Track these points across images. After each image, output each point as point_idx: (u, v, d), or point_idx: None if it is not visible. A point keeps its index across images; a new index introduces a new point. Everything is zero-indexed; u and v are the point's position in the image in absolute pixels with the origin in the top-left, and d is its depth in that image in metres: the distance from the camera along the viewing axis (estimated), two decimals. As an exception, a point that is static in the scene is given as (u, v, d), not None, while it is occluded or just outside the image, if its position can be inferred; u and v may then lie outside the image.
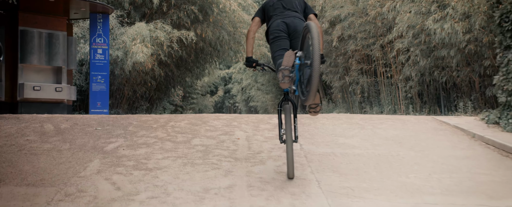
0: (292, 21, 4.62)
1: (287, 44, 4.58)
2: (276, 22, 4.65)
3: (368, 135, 6.89)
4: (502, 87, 7.02)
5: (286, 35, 4.60)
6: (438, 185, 4.69)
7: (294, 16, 4.68)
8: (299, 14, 4.76)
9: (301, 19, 4.70)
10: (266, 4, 4.92)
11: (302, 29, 4.32)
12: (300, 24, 4.60)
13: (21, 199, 4.20)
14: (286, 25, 4.61)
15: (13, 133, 6.66)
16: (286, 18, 4.65)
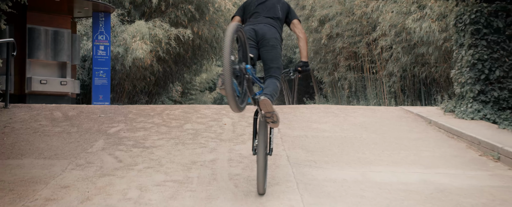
0: (261, 28, 4.34)
1: (253, 52, 4.30)
2: (245, 28, 4.37)
3: (339, 121, 7.82)
4: (457, 80, 7.95)
5: (254, 43, 4.33)
6: (387, 159, 5.61)
7: (265, 23, 4.41)
8: (274, 21, 4.46)
9: (274, 26, 4.42)
10: (246, 4, 4.69)
11: (271, 37, 4.29)
12: (270, 31, 4.34)
13: (40, 168, 5.12)
14: (254, 32, 4.34)
15: (27, 119, 7.58)
16: (256, 25, 4.38)
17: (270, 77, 4.32)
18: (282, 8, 4.59)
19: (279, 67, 4.36)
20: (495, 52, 7.48)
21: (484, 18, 7.47)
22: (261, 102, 3.85)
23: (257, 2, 4.61)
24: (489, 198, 4.34)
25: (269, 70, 4.34)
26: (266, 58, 4.34)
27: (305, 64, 4.47)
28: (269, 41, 4.32)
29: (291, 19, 4.60)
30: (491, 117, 7.32)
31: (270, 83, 4.23)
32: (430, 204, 4.18)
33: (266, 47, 4.32)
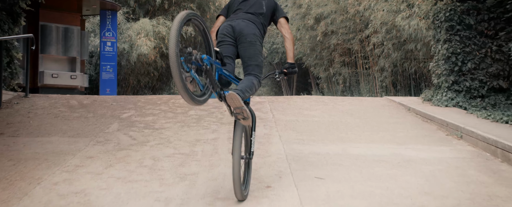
0: (238, 24, 4.09)
1: (231, 50, 4.10)
2: (223, 25, 4.17)
3: (328, 109, 8.67)
4: (435, 71, 8.79)
5: (232, 40, 4.10)
6: (366, 138, 6.46)
7: (244, 18, 4.16)
8: (255, 16, 4.23)
9: (253, 22, 4.17)
10: (230, 3, 4.49)
11: (249, 33, 4.07)
12: (247, 27, 4.09)
13: (66, 143, 5.96)
14: (231, 28, 4.10)
15: (46, 106, 8.43)
16: (234, 21, 4.14)
17: (248, 75, 4.08)
18: (268, 4, 4.33)
19: (258, 64, 4.11)
20: (467, 46, 8.32)
21: (457, 16, 8.31)
22: (228, 96, 3.59)
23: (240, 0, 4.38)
24: (445, 165, 5.19)
25: (247, 68, 4.10)
26: (244, 55, 4.08)
27: (292, 65, 4.25)
28: (247, 37, 4.06)
29: (278, 17, 4.34)
30: (463, 104, 8.16)
31: (245, 80, 3.97)
32: (396, 170, 5.03)
33: (243, 43, 4.07)
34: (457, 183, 4.64)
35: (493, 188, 4.53)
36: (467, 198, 4.25)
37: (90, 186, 4.42)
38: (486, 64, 8.28)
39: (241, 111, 3.66)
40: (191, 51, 3.38)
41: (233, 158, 3.75)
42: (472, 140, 6.07)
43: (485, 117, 7.06)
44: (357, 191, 4.36)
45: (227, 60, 4.04)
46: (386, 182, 4.63)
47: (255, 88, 4.02)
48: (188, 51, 3.36)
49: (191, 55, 3.37)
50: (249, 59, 4.09)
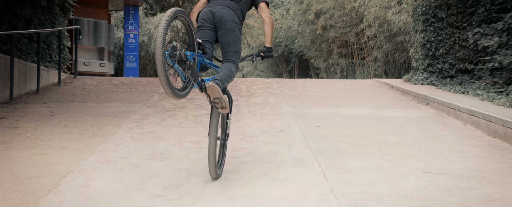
0: (219, 10, 4.14)
1: (210, 35, 4.17)
2: (203, 11, 4.22)
3: (325, 87, 10.53)
4: (414, 56, 10.64)
5: (211, 26, 4.16)
6: (354, 105, 8.32)
7: (223, 5, 4.18)
8: (235, 3, 4.25)
9: (232, 9, 4.20)
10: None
11: (228, 20, 4.13)
12: (227, 14, 4.14)
13: (125, 107, 7.82)
14: (212, 15, 4.14)
15: (95, 84, 10.29)
16: (214, 7, 4.16)
17: (226, 61, 4.21)
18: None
19: (236, 51, 4.22)
20: (439, 35, 10.14)
21: (432, 10, 10.12)
22: (208, 88, 3.71)
23: None
24: (410, 120, 7.05)
25: (226, 54, 4.21)
26: (223, 42, 4.18)
27: (269, 49, 4.33)
28: (226, 24, 4.13)
29: (258, 2, 4.37)
30: (435, 83, 9.99)
31: (223, 68, 4.10)
32: (374, 122, 6.88)
33: (223, 30, 4.15)
34: (416, 129, 6.50)
35: (440, 131, 6.40)
36: (420, 136, 6.10)
37: (155, 129, 6.28)
38: (455, 50, 10.12)
39: (220, 101, 3.81)
40: (175, 46, 3.51)
41: (209, 139, 3.96)
42: (435, 105, 7.93)
43: (448, 90, 8.92)
44: (344, 133, 6.23)
45: (207, 44, 4.12)
46: (365, 128, 6.49)
47: (233, 75, 4.19)
48: (172, 46, 3.50)
49: (175, 51, 3.48)
50: (228, 45, 4.17)
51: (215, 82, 3.79)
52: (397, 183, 4.25)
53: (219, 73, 4.02)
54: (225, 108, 3.90)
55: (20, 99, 8.27)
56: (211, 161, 4.00)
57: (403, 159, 5.07)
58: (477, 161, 5.04)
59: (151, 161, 4.87)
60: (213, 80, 3.84)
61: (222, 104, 3.84)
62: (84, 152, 5.15)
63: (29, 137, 5.76)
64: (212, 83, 3.73)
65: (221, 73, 4.02)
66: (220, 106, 3.87)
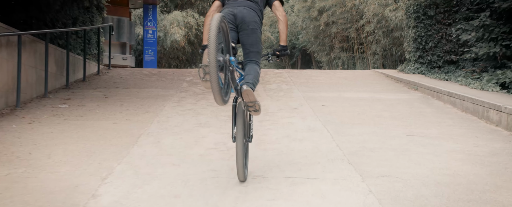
0: (241, 11, 4.15)
1: (233, 36, 4.13)
2: (224, 11, 4.20)
3: (329, 76, 12.05)
4: (407, 49, 12.15)
5: (233, 26, 4.15)
6: (354, 90, 9.82)
7: (245, 5, 4.19)
8: (254, 4, 4.26)
9: (253, 9, 4.21)
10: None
11: (251, 21, 4.13)
12: (249, 14, 4.15)
13: (162, 92, 9.32)
14: (233, 16, 4.13)
15: (128, 74, 11.80)
16: (235, 8, 4.17)
17: (250, 63, 4.21)
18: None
19: (259, 51, 4.24)
20: (429, 31, 11.63)
21: (422, 9, 11.60)
22: (244, 92, 3.75)
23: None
24: (401, 101, 8.56)
25: (249, 55, 4.23)
26: (246, 43, 4.20)
27: (284, 48, 4.32)
28: (249, 25, 4.15)
29: (272, 0, 4.39)
30: (425, 72, 11.48)
31: (251, 70, 4.11)
32: (370, 103, 8.39)
33: (245, 31, 4.17)
34: (404, 107, 8.02)
35: (424, 109, 7.91)
36: (407, 112, 7.61)
37: (193, 107, 7.80)
38: (442, 44, 11.61)
39: (254, 104, 3.81)
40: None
41: (237, 143, 3.87)
42: (422, 90, 9.43)
43: (435, 78, 10.43)
44: (346, 110, 7.74)
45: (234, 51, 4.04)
46: (363, 107, 8.01)
47: (260, 75, 4.21)
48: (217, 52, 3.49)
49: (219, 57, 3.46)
50: (251, 46, 4.17)
51: (249, 86, 3.85)
52: (386, 142, 5.77)
53: (248, 75, 4.05)
54: (258, 111, 3.90)
55: (73, 86, 9.79)
56: (240, 164, 3.96)
57: (392, 127, 6.58)
58: (448, 128, 6.56)
59: (198, 128, 6.39)
60: (246, 84, 3.88)
61: (255, 107, 3.84)
62: (145, 122, 6.67)
63: (98, 113, 7.28)
64: (246, 87, 3.77)
65: (250, 75, 4.04)
66: (253, 109, 3.87)
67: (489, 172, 4.64)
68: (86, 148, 5.33)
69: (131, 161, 4.88)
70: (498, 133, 6.27)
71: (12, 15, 8.23)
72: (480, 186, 4.23)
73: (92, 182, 4.23)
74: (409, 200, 3.87)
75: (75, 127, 6.31)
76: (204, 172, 4.53)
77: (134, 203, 3.76)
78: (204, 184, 4.20)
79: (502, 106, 6.46)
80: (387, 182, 4.30)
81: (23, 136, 5.81)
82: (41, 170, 4.54)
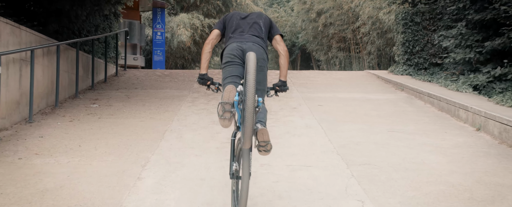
0: (250, 47, 4.04)
1: (240, 71, 4.01)
2: (232, 45, 4.08)
3: (326, 77, 13.24)
4: (396, 52, 13.33)
5: (240, 62, 4.03)
6: (348, 91, 11.02)
7: (254, 41, 4.11)
8: (261, 40, 4.19)
9: (262, 46, 4.13)
10: (226, 18, 4.38)
11: (259, 58, 4.01)
12: (258, 51, 4.04)
13: (176, 92, 10.51)
14: (241, 51, 4.03)
15: (143, 75, 13.00)
16: (244, 43, 4.07)
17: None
18: (265, 23, 4.33)
19: (264, 89, 4.12)
20: (416, 36, 12.81)
21: (409, 16, 12.77)
22: (260, 131, 3.64)
23: (238, 17, 4.34)
24: (388, 101, 9.76)
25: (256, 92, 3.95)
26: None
27: (284, 83, 4.24)
28: (258, 62, 4.00)
29: (273, 35, 4.34)
30: (412, 73, 12.66)
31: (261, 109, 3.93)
32: (361, 103, 9.58)
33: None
34: (390, 107, 9.22)
35: (406, 108, 9.11)
36: (392, 111, 8.81)
37: (206, 107, 8.99)
38: (428, 48, 12.79)
39: (267, 144, 3.68)
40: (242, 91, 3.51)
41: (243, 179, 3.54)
42: (408, 90, 10.63)
43: (419, 79, 11.63)
44: (339, 110, 8.93)
45: (236, 79, 3.97)
46: (354, 107, 9.20)
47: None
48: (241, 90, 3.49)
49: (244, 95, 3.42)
50: (258, 83, 3.94)
51: (263, 125, 3.77)
52: (370, 137, 6.97)
53: (259, 114, 3.87)
54: (269, 151, 3.72)
55: (97, 87, 11.00)
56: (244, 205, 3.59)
57: (377, 124, 7.78)
58: (424, 125, 7.76)
59: (213, 125, 7.59)
60: (260, 122, 3.78)
61: (267, 147, 3.69)
62: (167, 120, 7.87)
63: (125, 112, 8.48)
64: (261, 126, 3.70)
65: (261, 114, 3.90)
66: (264, 149, 3.70)
67: (448, 160, 5.84)
68: (123, 142, 6.53)
69: (162, 153, 6.08)
70: (465, 129, 7.47)
71: (48, 25, 9.41)
72: (439, 171, 5.44)
73: (135, 168, 5.44)
74: (382, 181, 5.08)
75: (109, 124, 7.51)
76: (222, 161, 5.74)
77: (171, 184, 4.96)
78: (222, 170, 5.41)
79: (469, 106, 7.65)
80: (367, 168, 5.51)
81: (69, 131, 7.02)
82: (93, 159, 5.75)
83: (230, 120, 3.51)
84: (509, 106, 7.47)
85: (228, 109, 3.46)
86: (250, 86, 3.22)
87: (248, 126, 3.23)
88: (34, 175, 5.17)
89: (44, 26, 9.25)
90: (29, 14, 9.19)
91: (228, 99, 3.47)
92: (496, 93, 8.33)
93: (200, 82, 4.17)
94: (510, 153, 6.17)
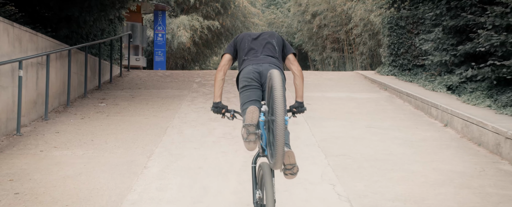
0: (266, 68, 3.85)
1: (258, 95, 3.86)
2: (248, 68, 3.89)
3: (317, 77, 14.13)
4: (382, 54, 14.22)
5: (258, 85, 3.86)
6: (335, 91, 11.90)
7: (270, 62, 3.92)
8: (276, 60, 4.01)
9: (278, 66, 3.96)
10: (237, 40, 4.18)
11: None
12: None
13: (177, 92, 11.39)
14: (258, 74, 3.85)
15: (146, 75, 13.88)
16: (260, 65, 3.88)
17: None
18: (278, 43, 4.15)
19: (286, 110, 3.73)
20: (400, 39, 13.69)
21: (395, 20, 13.65)
22: (286, 153, 3.48)
23: (250, 38, 4.16)
24: (371, 100, 10.65)
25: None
26: None
27: (301, 104, 4.12)
28: None
29: (286, 54, 4.16)
30: (397, 74, 13.54)
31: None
32: (346, 101, 10.46)
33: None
34: (372, 105, 10.10)
35: (386, 106, 10.00)
36: (373, 109, 9.69)
37: (204, 105, 9.87)
38: (411, 50, 13.68)
39: (293, 167, 3.54)
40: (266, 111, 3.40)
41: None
42: (390, 90, 11.52)
43: (402, 79, 12.52)
44: (325, 108, 9.81)
45: (256, 104, 3.82)
46: (339, 105, 10.08)
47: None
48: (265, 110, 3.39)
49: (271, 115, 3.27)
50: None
51: (288, 147, 3.66)
52: (349, 132, 7.86)
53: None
54: (295, 175, 3.57)
55: (103, 87, 11.89)
56: None
57: (358, 121, 8.66)
58: (400, 121, 8.65)
59: (210, 122, 8.48)
60: (286, 145, 3.63)
61: (294, 169, 3.53)
62: (169, 118, 8.75)
63: (130, 110, 9.37)
64: (287, 148, 3.57)
65: (286, 136, 3.79)
66: (291, 172, 3.56)
67: (413, 152, 6.74)
68: (130, 137, 7.42)
69: (164, 146, 6.97)
70: (434, 125, 8.36)
71: (59, 31, 10.29)
72: (403, 160, 6.33)
73: (142, 159, 6.33)
74: (353, 169, 5.97)
75: (117, 121, 8.40)
76: (217, 153, 6.63)
77: (173, 172, 5.85)
78: (218, 161, 6.29)
79: (439, 104, 8.54)
80: (342, 159, 6.40)
81: (82, 128, 7.91)
82: (105, 151, 6.64)
83: (255, 142, 3.34)
84: (473, 104, 8.36)
85: (252, 131, 3.29)
86: (279, 103, 3.01)
87: (279, 145, 2.99)
88: (55, 164, 6.06)
89: (55, 31, 10.13)
90: (43, 21, 10.07)
91: (251, 121, 3.31)
92: (467, 93, 9.21)
93: (215, 111, 3.95)
94: (468, 146, 7.06)
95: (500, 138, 6.42)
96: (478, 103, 8.33)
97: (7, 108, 7.29)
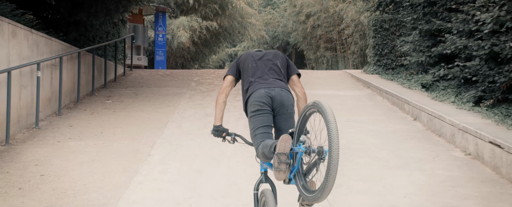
0: (279, 93, 3.70)
1: (270, 120, 3.70)
2: (259, 92, 3.70)
3: (307, 76, 15.10)
4: (368, 54, 15.21)
5: (270, 110, 3.70)
6: (322, 89, 12.90)
7: (281, 86, 3.75)
8: (285, 83, 3.85)
9: (288, 90, 3.80)
10: (240, 61, 4.00)
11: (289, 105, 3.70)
12: (287, 97, 3.71)
13: (176, 90, 12.40)
14: (270, 99, 3.68)
15: (148, 75, 14.89)
16: (272, 89, 3.70)
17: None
18: (282, 63, 3.97)
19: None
20: (384, 40, 14.68)
21: (379, 23, 14.63)
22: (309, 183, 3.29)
23: (253, 58, 3.98)
24: (353, 97, 11.65)
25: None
26: (284, 127, 3.71)
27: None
28: (288, 109, 3.73)
29: (290, 75, 3.99)
30: (381, 73, 14.53)
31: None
32: (332, 98, 11.45)
33: (284, 115, 3.74)
34: (353, 101, 11.11)
35: (366, 103, 11.01)
36: (354, 106, 10.69)
37: (201, 102, 10.88)
38: (395, 51, 14.67)
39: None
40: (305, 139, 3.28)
41: None
42: (372, 88, 12.52)
43: (385, 78, 13.53)
44: (310, 104, 10.81)
45: (268, 129, 3.71)
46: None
47: None
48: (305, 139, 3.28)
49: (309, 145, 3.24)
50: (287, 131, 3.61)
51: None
52: (329, 125, 8.85)
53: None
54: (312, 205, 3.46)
55: (109, 85, 12.90)
56: None
57: (338, 116, 9.58)
58: (375, 116, 9.66)
59: (206, 117, 9.49)
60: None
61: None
62: (169, 113, 9.76)
63: (134, 107, 10.38)
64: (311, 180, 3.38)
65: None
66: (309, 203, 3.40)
67: (382, 142, 7.75)
68: (134, 129, 8.43)
69: (165, 137, 7.98)
70: (405, 119, 9.38)
71: (69, 34, 11.31)
72: (372, 148, 7.34)
73: (145, 148, 7.34)
74: (327, 156, 6.98)
75: (123, 117, 9.41)
76: (212, 143, 7.64)
77: (173, 159, 6.87)
78: (212, 150, 7.31)
79: (410, 101, 9.56)
80: (319, 147, 7.40)
81: (92, 122, 8.93)
82: (113, 142, 7.66)
83: (285, 172, 3.21)
84: (439, 101, 9.38)
85: (284, 160, 3.16)
86: (335, 138, 2.98)
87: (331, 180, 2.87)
88: (72, 153, 7.08)
89: (66, 35, 11.14)
90: (53, 24, 11.07)
91: (284, 150, 3.17)
92: (439, 91, 10.21)
93: (215, 135, 3.91)
94: (430, 137, 8.09)
95: (454, 129, 7.44)
96: (444, 99, 9.35)
97: (27, 104, 8.31)
